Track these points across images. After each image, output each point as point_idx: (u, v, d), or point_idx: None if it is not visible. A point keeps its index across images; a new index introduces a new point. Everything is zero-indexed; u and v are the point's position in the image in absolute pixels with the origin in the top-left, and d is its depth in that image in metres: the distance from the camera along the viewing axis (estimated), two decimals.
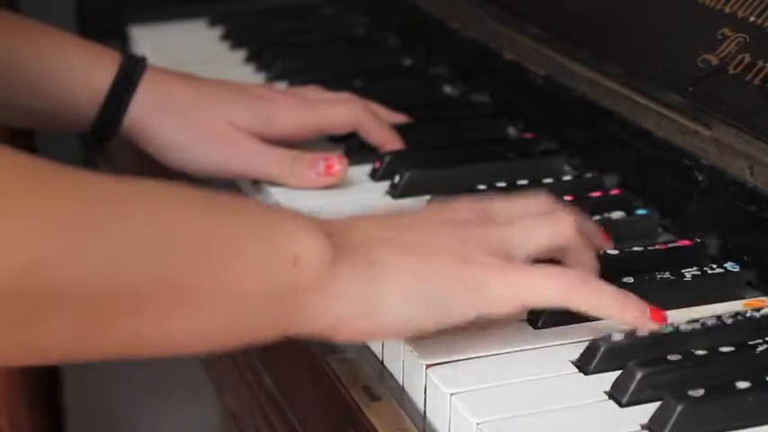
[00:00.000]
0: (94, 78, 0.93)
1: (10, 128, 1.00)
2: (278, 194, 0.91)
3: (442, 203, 0.72)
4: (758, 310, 0.70)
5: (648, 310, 0.67)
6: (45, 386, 1.50)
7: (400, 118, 1.00)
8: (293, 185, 0.91)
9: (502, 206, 0.71)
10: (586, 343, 0.68)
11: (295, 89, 1.01)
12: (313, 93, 1.00)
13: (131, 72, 0.93)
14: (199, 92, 0.95)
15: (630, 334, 0.67)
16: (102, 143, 0.95)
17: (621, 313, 0.67)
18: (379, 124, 0.97)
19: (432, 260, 0.65)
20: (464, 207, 0.70)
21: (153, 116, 0.93)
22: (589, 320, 0.70)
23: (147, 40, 1.29)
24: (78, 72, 0.93)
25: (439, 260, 0.65)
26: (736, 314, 0.70)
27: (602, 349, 0.66)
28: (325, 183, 0.91)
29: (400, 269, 0.64)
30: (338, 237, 0.64)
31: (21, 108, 0.93)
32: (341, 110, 0.97)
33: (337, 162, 0.91)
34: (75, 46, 0.95)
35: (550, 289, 0.66)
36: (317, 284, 0.62)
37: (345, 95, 1.00)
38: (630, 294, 0.67)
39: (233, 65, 1.22)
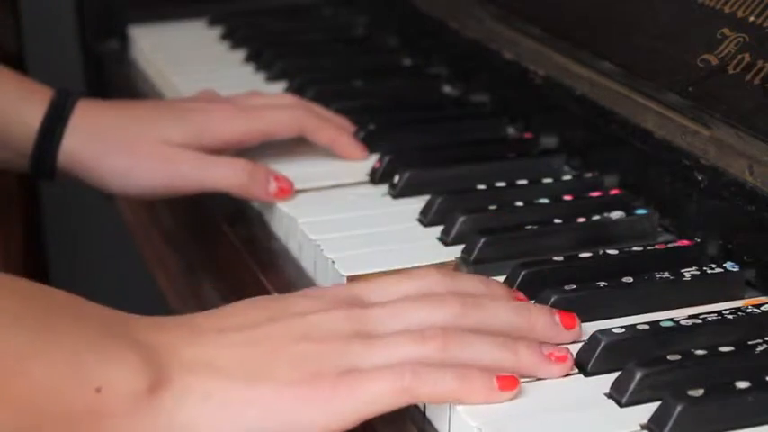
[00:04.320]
0: (26, 116, 0.93)
1: None
2: None
3: (325, 300, 0.68)
4: (759, 306, 0.70)
5: (495, 379, 0.64)
6: None
7: (342, 120, 1.00)
8: (240, 196, 0.92)
9: (381, 315, 0.67)
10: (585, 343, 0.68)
11: (235, 97, 1.00)
12: (253, 99, 0.99)
13: (62, 107, 0.93)
14: (131, 115, 0.95)
15: (630, 328, 0.67)
16: (44, 180, 0.95)
17: (468, 396, 0.63)
18: (322, 124, 0.97)
19: (257, 385, 0.62)
20: (338, 316, 0.66)
21: (88, 147, 0.93)
22: (589, 321, 0.71)
23: (147, 40, 1.29)
24: (11, 110, 0.93)
25: (265, 386, 0.62)
26: (737, 310, 0.70)
27: (601, 345, 0.67)
28: (273, 201, 0.90)
29: (224, 400, 0.62)
30: (168, 360, 0.62)
31: None
32: (280, 115, 0.96)
33: (289, 187, 0.90)
34: (9, 82, 0.95)
35: (383, 395, 0.63)
36: (124, 411, 0.60)
37: (287, 99, 1.00)
38: (471, 372, 0.64)
39: (232, 65, 1.22)
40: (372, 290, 0.70)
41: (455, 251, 0.81)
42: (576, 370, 0.67)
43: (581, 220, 0.82)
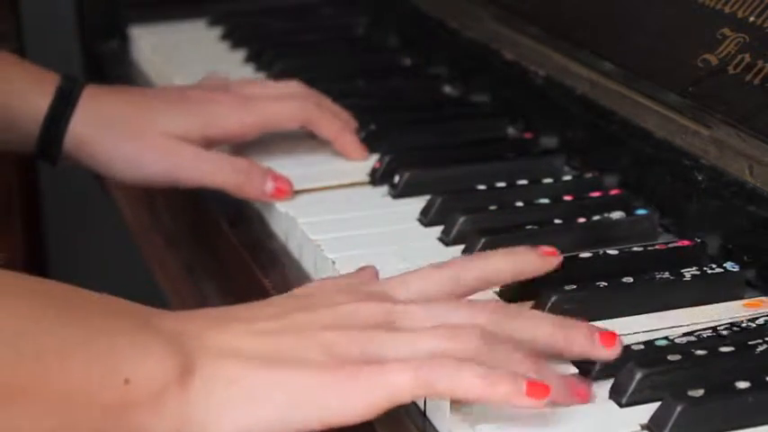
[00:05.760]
0: (34, 100, 0.94)
1: None
2: None
3: (357, 295, 0.68)
4: (754, 320, 0.70)
5: (525, 383, 0.61)
6: None
7: (348, 116, 0.99)
8: (238, 196, 0.92)
9: (414, 311, 0.66)
10: None
11: (241, 84, 1.00)
12: (258, 88, 0.99)
13: (69, 92, 0.94)
14: (138, 104, 0.96)
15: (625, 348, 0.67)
16: (49, 163, 0.96)
17: (492, 396, 0.61)
18: (327, 117, 0.97)
19: (285, 371, 0.62)
20: (368, 307, 0.66)
21: (93, 133, 0.94)
22: (589, 321, 0.71)
23: (147, 40, 1.29)
24: (18, 94, 0.94)
25: (293, 372, 0.62)
26: (732, 325, 0.70)
27: None
28: (270, 201, 0.90)
29: (252, 385, 0.62)
30: (194, 347, 0.63)
31: None
32: (286, 107, 0.96)
33: (287, 187, 0.90)
34: (17, 68, 0.97)
35: (404, 386, 0.62)
36: (154, 401, 0.61)
37: (293, 89, 0.99)
38: (500, 371, 0.62)
39: (233, 65, 1.22)
40: (406, 284, 0.69)
41: (455, 251, 0.81)
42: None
43: (581, 220, 0.82)
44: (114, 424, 0.61)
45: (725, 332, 0.68)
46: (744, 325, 0.69)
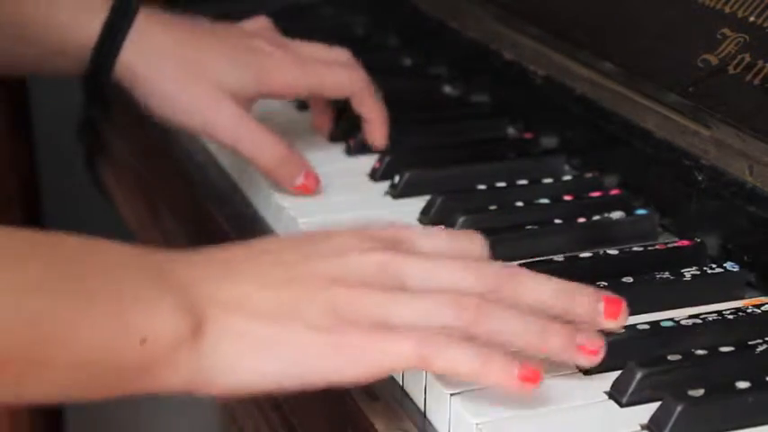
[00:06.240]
0: (84, 23, 0.92)
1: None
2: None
3: (366, 238, 0.67)
4: (759, 306, 0.70)
5: (517, 368, 0.62)
6: None
7: (383, 104, 0.99)
8: (263, 174, 0.91)
9: (420, 268, 0.66)
10: None
11: (295, 43, 0.98)
12: (311, 49, 0.97)
13: (122, 16, 0.92)
14: (192, 44, 0.93)
15: (630, 328, 0.67)
16: (96, 88, 0.94)
17: (485, 378, 0.63)
18: (372, 96, 0.96)
19: (290, 328, 0.63)
20: (376, 261, 0.66)
21: (143, 63, 0.92)
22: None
23: None
24: (70, 17, 0.92)
25: (298, 329, 0.63)
26: (737, 310, 0.70)
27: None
28: (293, 192, 0.90)
29: (259, 340, 0.63)
30: (204, 299, 0.63)
31: (7, 54, 0.93)
32: (339, 77, 0.95)
33: (314, 186, 0.90)
34: None
35: (404, 357, 0.63)
36: (169, 358, 0.62)
37: (344, 57, 0.98)
38: (494, 354, 0.63)
39: None
40: (417, 238, 0.69)
41: None
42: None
43: (581, 220, 0.82)
44: (130, 381, 0.62)
45: (731, 317, 0.69)
46: (749, 311, 0.69)
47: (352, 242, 0.67)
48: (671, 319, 0.69)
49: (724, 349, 0.65)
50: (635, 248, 0.78)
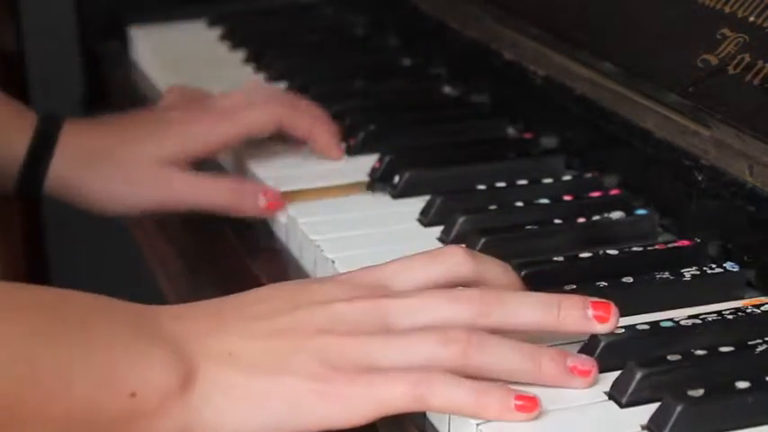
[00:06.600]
0: (12, 140, 0.93)
1: None
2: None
3: (350, 287, 0.68)
4: (759, 306, 0.70)
5: (513, 399, 0.62)
6: None
7: (318, 111, 0.99)
8: (234, 215, 0.92)
9: (405, 307, 0.66)
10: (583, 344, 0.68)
11: (214, 99, 0.99)
12: (230, 99, 0.98)
13: (47, 132, 0.93)
14: (117, 136, 0.95)
15: (630, 328, 0.67)
16: (30, 202, 0.95)
17: (482, 412, 0.62)
18: (299, 115, 0.96)
19: (280, 379, 0.63)
20: (361, 308, 0.66)
21: (76, 174, 0.94)
22: None
23: (147, 40, 1.29)
24: None
25: (288, 380, 0.63)
26: (737, 310, 0.70)
27: (601, 345, 0.66)
28: (266, 215, 0.91)
29: (249, 392, 0.63)
30: (194, 352, 0.63)
31: None
32: (258, 114, 0.96)
33: (279, 200, 0.90)
34: None
35: (397, 398, 0.63)
36: (158, 410, 0.62)
37: (261, 94, 0.99)
38: (490, 388, 0.63)
39: (232, 65, 1.22)
40: (398, 274, 0.69)
41: None
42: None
43: (581, 220, 0.82)
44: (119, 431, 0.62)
45: (730, 317, 0.69)
46: (749, 311, 0.69)
47: (336, 291, 0.67)
48: (671, 320, 0.69)
49: (724, 349, 0.65)
50: (635, 248, 0.78)
